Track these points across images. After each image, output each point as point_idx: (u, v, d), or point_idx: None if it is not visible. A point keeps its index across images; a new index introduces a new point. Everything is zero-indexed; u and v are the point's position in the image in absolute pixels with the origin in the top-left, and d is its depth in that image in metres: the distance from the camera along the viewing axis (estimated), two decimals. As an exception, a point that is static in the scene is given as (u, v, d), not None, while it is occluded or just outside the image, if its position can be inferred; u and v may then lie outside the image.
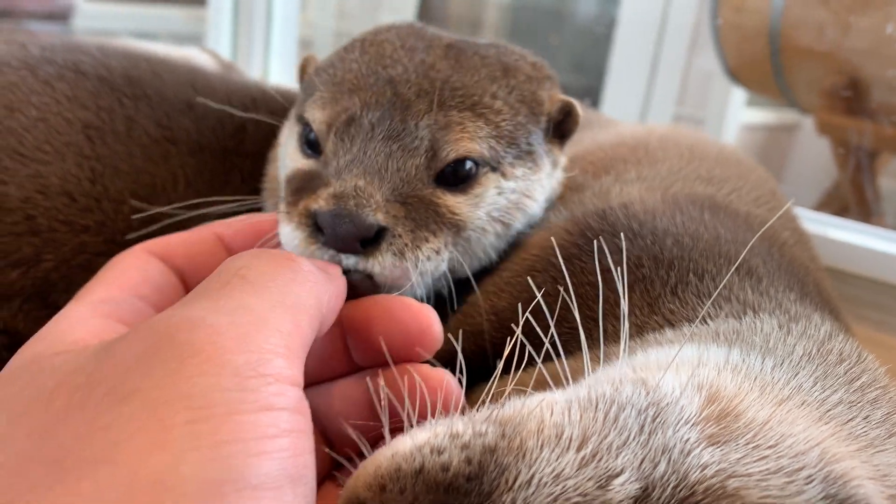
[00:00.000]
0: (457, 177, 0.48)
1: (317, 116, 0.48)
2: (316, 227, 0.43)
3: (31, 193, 0.52)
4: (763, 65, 1.76)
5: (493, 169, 0.49)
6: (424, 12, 2.26)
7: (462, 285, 0.50)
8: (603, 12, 2.40)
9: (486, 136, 0.48)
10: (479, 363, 0.43)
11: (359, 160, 0.45)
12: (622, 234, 0.45)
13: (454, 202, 0.47)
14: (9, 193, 0.51)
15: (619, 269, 0.44)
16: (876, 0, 1.57)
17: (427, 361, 0.35)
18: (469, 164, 0.48)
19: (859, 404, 0.34)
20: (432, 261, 0.45)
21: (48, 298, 0.53)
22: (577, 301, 0.42)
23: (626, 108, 2.20)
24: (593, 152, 0.63)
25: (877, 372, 0.37)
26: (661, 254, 0.44)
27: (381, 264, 0.43)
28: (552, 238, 0.48)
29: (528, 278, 0.45)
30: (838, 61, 1.65)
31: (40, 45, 0.63)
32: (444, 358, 0.36)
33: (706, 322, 0.39)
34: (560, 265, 0.46)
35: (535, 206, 0.53)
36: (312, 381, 0.37)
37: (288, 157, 0.51)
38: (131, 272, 0.34)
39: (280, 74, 1.38)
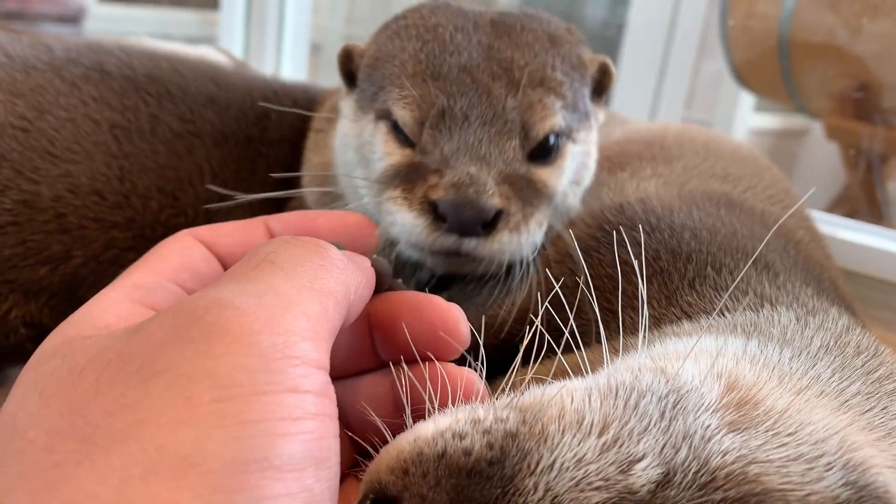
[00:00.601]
0: (544, 151, 0.52)
1: (406, 115, 0.52)
2: (436, 215, 0.48)
3: (62, 192, 0.53)
4: (772, 69, 1.76)
5: (568, 137, 0.53)
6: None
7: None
8: (612, 16, 2.40)
9: (560, 108, 0.52)
10: (500, 355, 0.43)
11: (463, 148, 0.49)
12: (640, 227, 0.46)
13: (546, 175, 0.52)
14: (40, 193, 0.52)
15: (637, 261, 0.45)
16: (886, 4, 1.57)
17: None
18: (552, 139, 0.52)
19: (877, 395, 0.34)
20: (538, 232, 0.50)
21: (76, 293, 0.54)
22: (595, 293, 0.43)
23: (634, 111, 2.21)
24: (609, 147, 0.64)
25: (894, 365, 0.38)
26: (678, 247, 0.44)
27: (499, 242, 0.48)
28: (570, 231, 0.48)
29: (547, 270, 0.45)
30: (848, 65, 1.65)
31: (65, 45, 0.64)
32: (465, 349, 0.36)
33: (724, 314, 0.39)
34: (578, 257, 0.46)
35: (594, 162, 0.58)
36: (338, 376, 0.37)
37: (379, 149, 0.54)
38: (173, 257, 0.34)
39: (292, 77, 1.39)
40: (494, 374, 0.40)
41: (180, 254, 0.34)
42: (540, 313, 0.36)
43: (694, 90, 2.16)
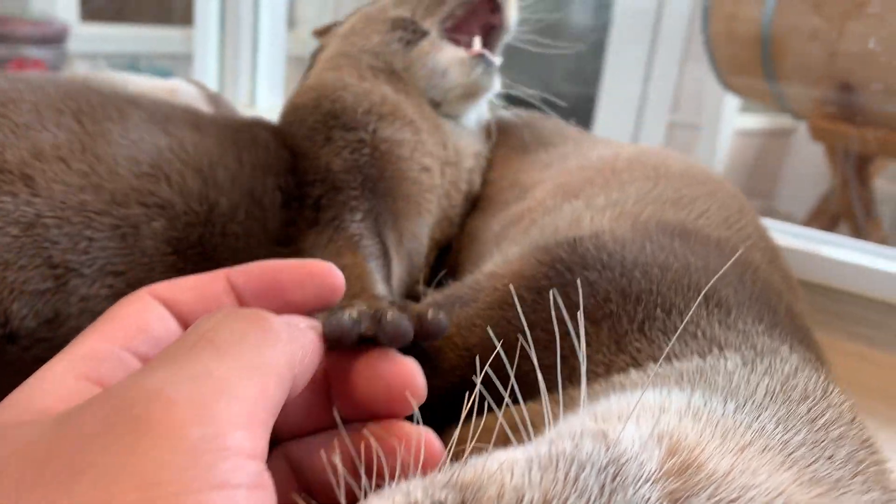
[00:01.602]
0: None
1: None
2: None
3: (27, 158, 0.54)
4: (756, 72, 1.76)
5: None
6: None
7: None
8: (596, 21, 2.40)
9: None
10: (454, 401, 0.43)
11: None
12: (592, 265, 0.45)
13: None
14: (6, 158, 0.54)
15: (587, 305, 0.44)
16: (868, 6, 1.57)
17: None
18: None
19: (822, 443, 0.33)
20: None
21: (51, 262, 0.54)
22: (547, 338, 0.42)
23: (621, 116, 2.21)
24: (561, 174, 0.64)
25: (842, 407, 0.37)
26: (628, 287, 0.44)
27: None
28: (522, 269, 0.48)
29: (501, 310, 0.45)
30: (831, 67, 1.64)
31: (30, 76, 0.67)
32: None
33: (672, 361, 0.39)
34: (530, 299, 0.46)
35: None
36: (296, 433, 0.36)
37: None
38: (129, 320, 0.33)
39: (268, 91, 1.38)
40: (452, 419, 0.39)
41: (136, 316, 0.33)
42: (477, 371, 0.35)
43: (679, 93, 2.16)
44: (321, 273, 0.37)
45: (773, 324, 0.44)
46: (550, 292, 0.43)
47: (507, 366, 0.36)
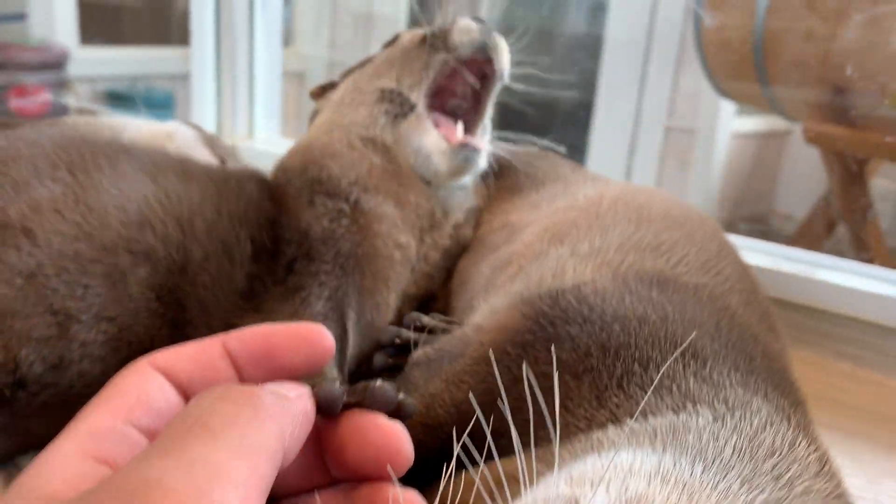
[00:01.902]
0: None
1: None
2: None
3: (27, 212, 0.58)
4: (749, 77, 1.77)
5: None
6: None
7: None
8: (591, 28, 2.41)
9: None
10: (446, 454, 0.45)
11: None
12: (574, 319, 0.47)
13: None
14: (8, 214, 0.58)
15: (569, 359, 0.46)
16: (860, 9, 1.58)
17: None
18: None
19: (786, 501, 0.36)
20: None
21: (52, 307, 0.57)
22: (531, 393, 0.44)
23: (618, 122, 2.22)
24: (549, 217, 0.66)
25: (808, 459, 0.39)
26: (608, 341, 0.46)
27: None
28: (507, 323, 0.50)
29: (485, 366, 0.47)
30: (823, 70, 1.65)
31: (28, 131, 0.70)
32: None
33: (647, 417, 0.41)
34: (515, 354, 0.48)
35: None
36: (293, 492, 0.38)
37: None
38: (129, 393, 0.35)
39: (265, 107, 1.40)
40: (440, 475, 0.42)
41: (136, 388, 0.35)
42: (456, 431, 0.37)
43: (675, 98, 2.18)
44: (311, 337, 0.39)
45: (748, 371, 0.46)
46: (523, 364, 0.45)
47: (484, 425, 0.38)
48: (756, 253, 0.89)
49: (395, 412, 0.38)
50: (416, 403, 0.39)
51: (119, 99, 2.52)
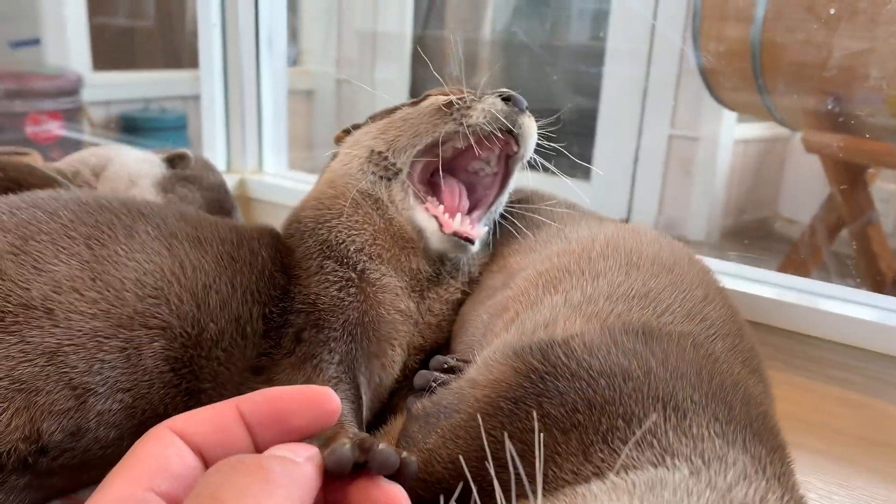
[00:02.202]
0: None
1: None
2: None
3: (48, 293, 0.61)
4: (749, 87, 1.79)
5: None
6: (420, 55, 2.33)
7: None
8: (594, 40, 2.44)
9: None
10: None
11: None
12: (562, 375, 0.51)
13: None
14: (32, 296, 0.61)
15: (558, 415, 0.50)
16: (858, 18, 1.59)
17: None
18: None
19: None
20: None
21: (70, 383, 0.60)
22: (522, 448, 0.48)
23: (621, 132, 2.25)
24: (543, 262, 0.70)
25: (778, 513, 0.42)
26: (594, 397, 0.49)
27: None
28: (500, 378, 0.53)
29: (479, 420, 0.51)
30: (821, 79, 1.67)
31: (47, 192, 0.72)
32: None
33: (627, 472, 0.44)
34: (508, 409, 0.52)
35: None
36: None
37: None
38: (149, 461, 0.38)
39: (273, 138, 1.44)
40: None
41: (155, 455, 0.38)
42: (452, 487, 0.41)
43: (677, 106, 2.20)
44: (319, 400, 0.42)
45: (727, 420, 0.50)
46: (504, 431, 0.49)
47: (472, 483, 0.42)
48: (746, 280, 0.92)
49: (398, 474, 0.41)
50: (416, 461, 0.41)
51: (132, 122, 2.58)
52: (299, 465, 0.38)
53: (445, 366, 0.65)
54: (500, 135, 0.74)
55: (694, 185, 2.23)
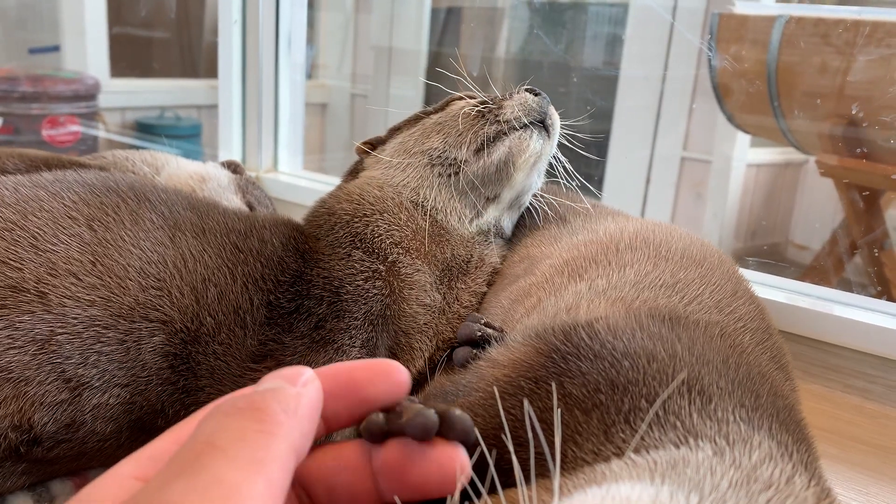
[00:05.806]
0: None
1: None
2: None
3: (43, 275, 0.58)
4: (764, 110, 1.80)
5: None
6: (434, 70, 2.33)
7: None
8: (609, 61, 2.45)
9: None
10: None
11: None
12: (585, 355, 0.50)
13: None
14: (24, 278, 0.57)
15: (579, 394, 0.49)
16: (874, 43, 1.60)
17: None
18: None
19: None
20: None
21: (63, 375, 0.57)
22: (543, 427, 0.47)
23: (634, 154, 2.25)
24: (569, 251, 0.69)
25: (804, 494, 0.41)
26: (617, 377, 0.48)
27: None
28: (522, 358, 0.52)
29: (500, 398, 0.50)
30: (837, 103, 1.68)
31: (54, 174, 0.70)
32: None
33: (650, 451, 0.43)
34: (528, 388, 0.51)
35: None
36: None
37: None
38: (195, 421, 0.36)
39: (289, 141, 1.44)
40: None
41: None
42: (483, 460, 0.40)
43: (690, 129, 2.20)
44: (388, 370, 0.41)
45: (753, 407, 0.49)
46: (533, 399, 0.48)
47: (489, 458, 0.41)
48: (767, 287, 0.91)
49: (443, 431, 0.38)
50: (462, 414, 0.39)
51: (148, 128, 2.60)
52: (297, 394, 0.36)
53: (483, 321, 0.64)
54: (534, 127, 0.78)
55: (705, 209, 2.22)
